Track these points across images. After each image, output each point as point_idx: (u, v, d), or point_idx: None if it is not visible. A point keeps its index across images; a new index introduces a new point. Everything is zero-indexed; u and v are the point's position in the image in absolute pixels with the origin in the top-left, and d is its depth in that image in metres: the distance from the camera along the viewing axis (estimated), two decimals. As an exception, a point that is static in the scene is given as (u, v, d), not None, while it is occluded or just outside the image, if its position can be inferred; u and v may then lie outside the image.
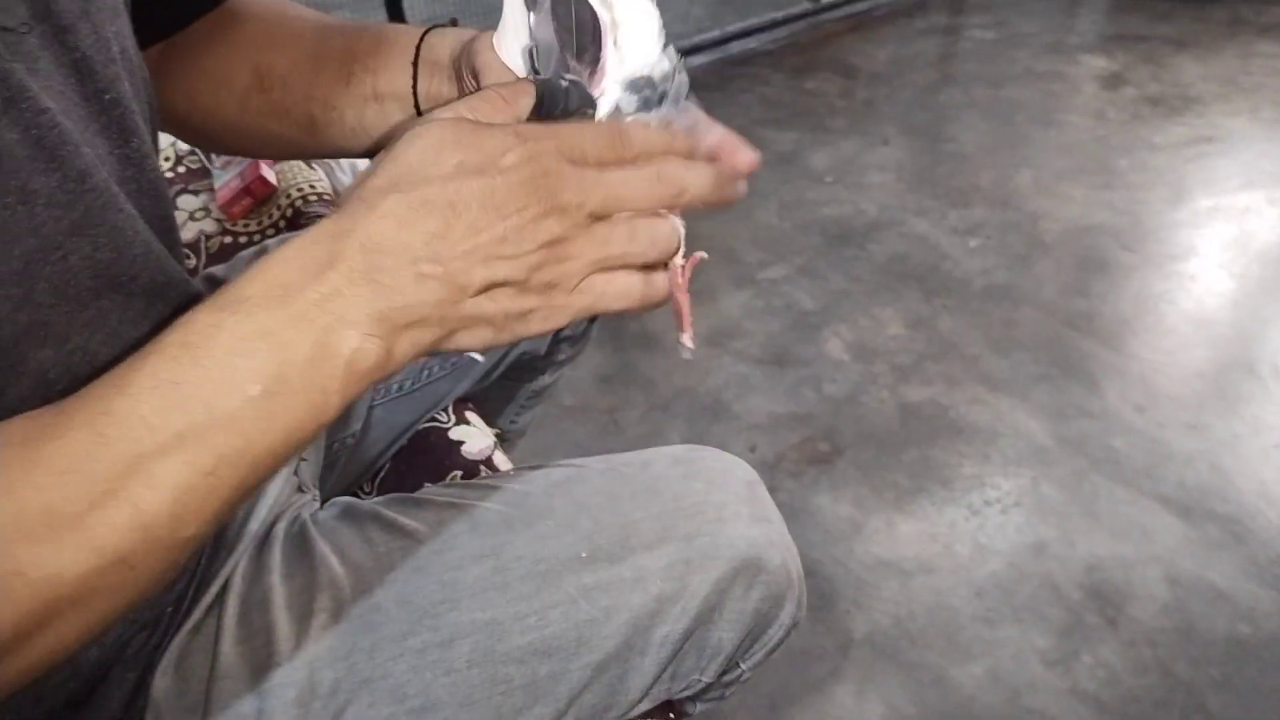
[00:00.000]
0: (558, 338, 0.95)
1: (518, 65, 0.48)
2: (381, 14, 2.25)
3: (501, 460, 0.73)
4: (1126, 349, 1.59)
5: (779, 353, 1.64)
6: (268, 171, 1.09)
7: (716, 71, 2.61)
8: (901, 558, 1.26)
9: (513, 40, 0.47)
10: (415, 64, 0.52)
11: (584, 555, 0.54)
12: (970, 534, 1.29)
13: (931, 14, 2.84)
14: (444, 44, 0.52)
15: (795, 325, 1.70)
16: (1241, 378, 1.52)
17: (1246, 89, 2.34)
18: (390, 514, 0.59)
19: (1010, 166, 2.10)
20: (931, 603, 1.21)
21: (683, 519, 0.56)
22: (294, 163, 1.15)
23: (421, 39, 0.53)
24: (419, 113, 0.53)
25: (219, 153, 1.06)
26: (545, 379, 1.00)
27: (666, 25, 0.48)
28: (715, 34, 2.65)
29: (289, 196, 1.12)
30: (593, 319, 0.97)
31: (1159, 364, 1.56)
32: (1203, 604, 1.18)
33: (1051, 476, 1.36)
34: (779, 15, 2.73)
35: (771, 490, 0.65)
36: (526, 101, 0.40)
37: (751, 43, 2.70)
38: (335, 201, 0.37)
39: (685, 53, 2.66)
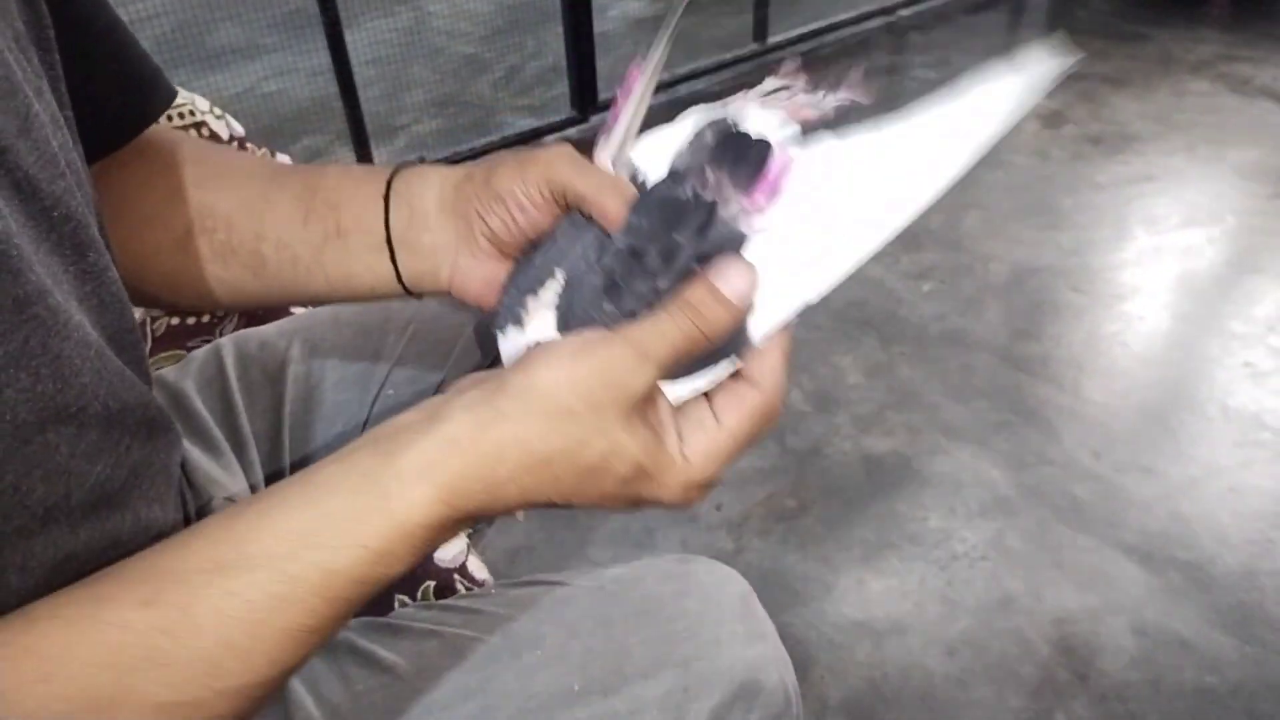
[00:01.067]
0: None
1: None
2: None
3: (476, 566, 0.71)
4: (1081, 392, 1.62)
5: (740, 405, 1.63)
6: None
7: (664, 114, 2.61)
8: (873, 618, 1.26)
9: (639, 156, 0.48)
10: (386, 199, 0.51)
11: (576, 688, 0.52)
12: (939, 590, 1.29)
13: (875, 53, 2.89)
14: (425, 183, 0.50)
15: (755, 375, 1.69)
16: (1192, 419, 1.55)
17: (1181, 126, 2.41)
18: (366, 645, 0.56)
19: (959, 208, 2.13)
20: (905, 663, 1.20)
21: (678, 642, 0.55)
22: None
23: (393, 175, 0.51)
24: (391, 249, 0.51)
25: (156, 308, 1.00)
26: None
27: (613, 68, 0.47)
28: (664, 76, 2.65)
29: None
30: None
31: (1113, 407, 1.58)
32: (1169, 655, 1.19)
33: (1016, 527, 1.37)
34: (727, 56, 2.75)
35: (741, 550, 0.64)
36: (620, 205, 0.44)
37: (699, 84, 2.72)
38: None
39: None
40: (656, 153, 0.47)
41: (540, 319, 0.45)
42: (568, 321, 0.44)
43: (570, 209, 0.47)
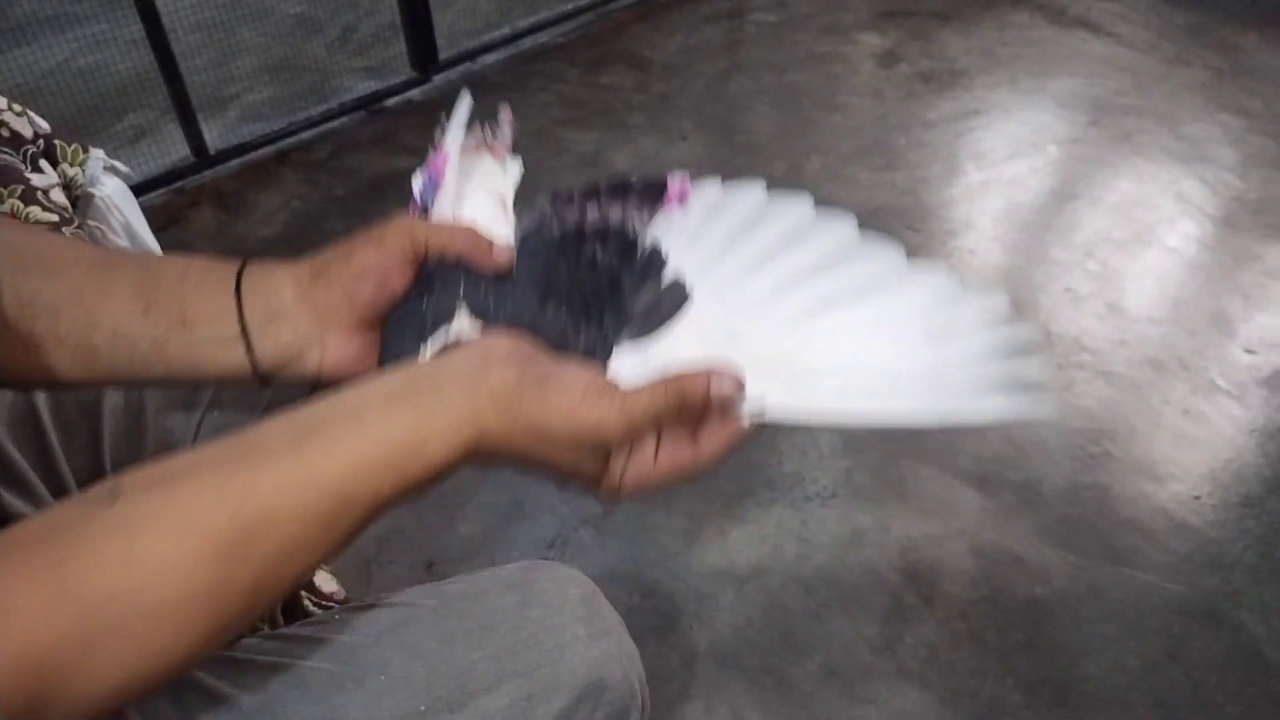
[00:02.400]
0: None
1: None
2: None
3: (324, 579, 0.71)
4: (920, 329, 1.70)
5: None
6: None
7: (511, 70, 2.58)
8: (735, 565, 1.32)
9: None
10: (239, 295, 0.52)
11: (422, 709, 0.54)
12: (795, 531, 1.36)
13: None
14: (279, 281, 0.53)
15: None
16: (1020, 346, 1.66)
17: (1004, 60, 2.53)
18: (211, 681, 0.56)
19: (801, 154, 2.18)
20: (767, 605, 1.27)
21: (520, 652, 0.57)
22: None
23: (240, 270, 0.53)
24: (247, 341, 0.52)
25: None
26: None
27: (453, 23, 0.56)
28: (505, 31, 2.61)
29: None
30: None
31: (949, 340, 1.67)
32: (1004, 571, 1.30)
33: (864, 465, 1.45)
34: (568, 7, 2.71)
35: (607, 513, 0.66)
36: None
37: (543, 37, 2.68)
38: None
39: (476, 53, 2.62)
40: (482, 202, 0.56)
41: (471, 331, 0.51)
42: (511, 319, 0.50)
43: (428, 263, 0.52)
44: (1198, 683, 1.17)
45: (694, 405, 0.44)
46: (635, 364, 0.47)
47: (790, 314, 0.48)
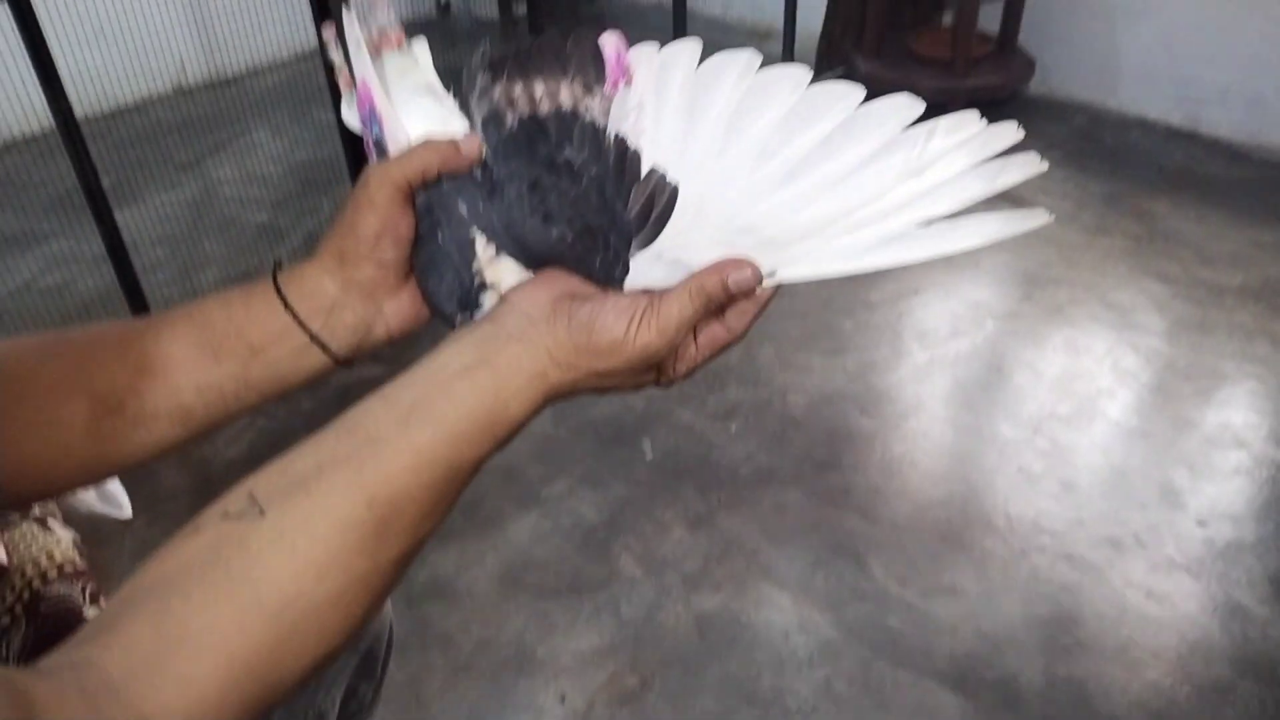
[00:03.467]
0: (353, 690, 0.93)
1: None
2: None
3: None
4: (881, 519, 1.74)
5: (573, 579, 1.66)
6: (-1, 552, 1.01)
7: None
8: (722, 793, 1.30)
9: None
10: (283, 300, 0.56)
11: None
12: (780, 751, 1.35)
13: None
14: (317, 282, 0.56)
15: (585, 544, 1.73)
16: (983, 533, 1.70)
17: (937, 237, 2.67)
18: None
19: (754, 342, 2.27)
20: (757, 837, 1.24)
21: None
22: (27, 531, 1.07)
23: (277, 286, 0.56)
24: (321, 344, 0.57)
25: (49, 497, 0.97)
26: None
27: None
28: None
29: (24, 575, 1.04)
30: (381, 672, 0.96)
31: (912, 530, 1.71)
32: (990, 781, 1.29)
33: (842, 673, 1.45)
34: None
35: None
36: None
37: None
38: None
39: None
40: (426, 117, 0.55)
41: (504, 271, 0.53)
42: (524, 253, 0.52)
43: (419, 196, 0.55)
44: None
45: (717, 300, 0.50)
46: (653, 267, 0.51)
47: (773, 179, 0.49)
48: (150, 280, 2.23)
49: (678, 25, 3.03)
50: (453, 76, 0.59)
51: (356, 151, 2.36)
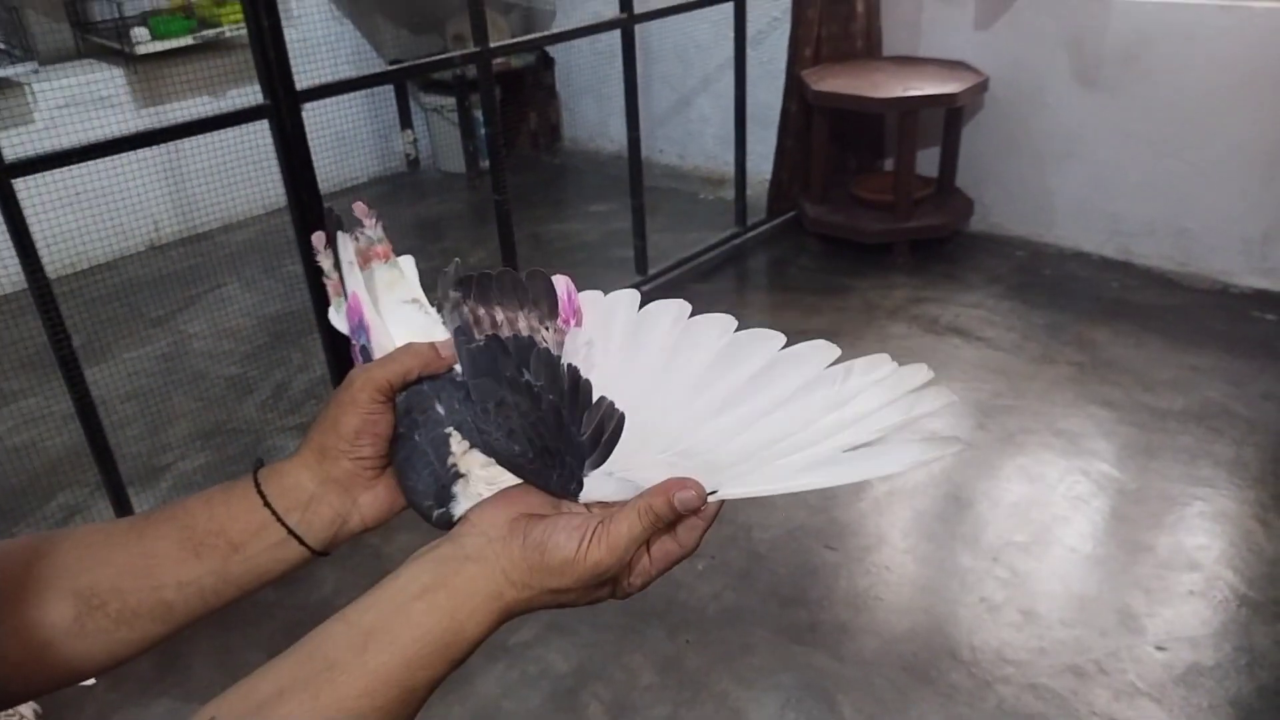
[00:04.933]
0: None
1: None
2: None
3: None
4: (848, 656, 1.76)
5: (542, 729, 1.65)
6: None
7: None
8: None
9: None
10: (268, 505, 0.59)
11: None
12: None
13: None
14: (295, 477, 0.60)
15: (554, 694, 1.72)
16: (949, 665, 1.72)
17: (891, 370, 2.77)
18: None
19: (718, 479, 2.31)
20: None
21: None
22: None
23: (258, 484, 0.60)
24: (298, 538, 0.59)
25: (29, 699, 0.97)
26: None
27: None
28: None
29: None
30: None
31: (878, 665, 1.73)
32: None
33: (814, 818, 1.44)
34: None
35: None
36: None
37: (467, 380, 2.86)
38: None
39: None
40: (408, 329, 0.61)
41: (479, 469, 0.56)
42: (491, 456, 0.56)
43: (397, 396, 0.59)
44: None
45: (666, 518, 0.53)
46: (605, 484, 0.55)
47: (708, 410, 0.54)
48: (118, 436, 2.25)
49: (634, 174, 3.20)
50: (426, 230, 0.66)
51: (323, 302, 2.44)
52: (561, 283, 0.58)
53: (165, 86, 3.90)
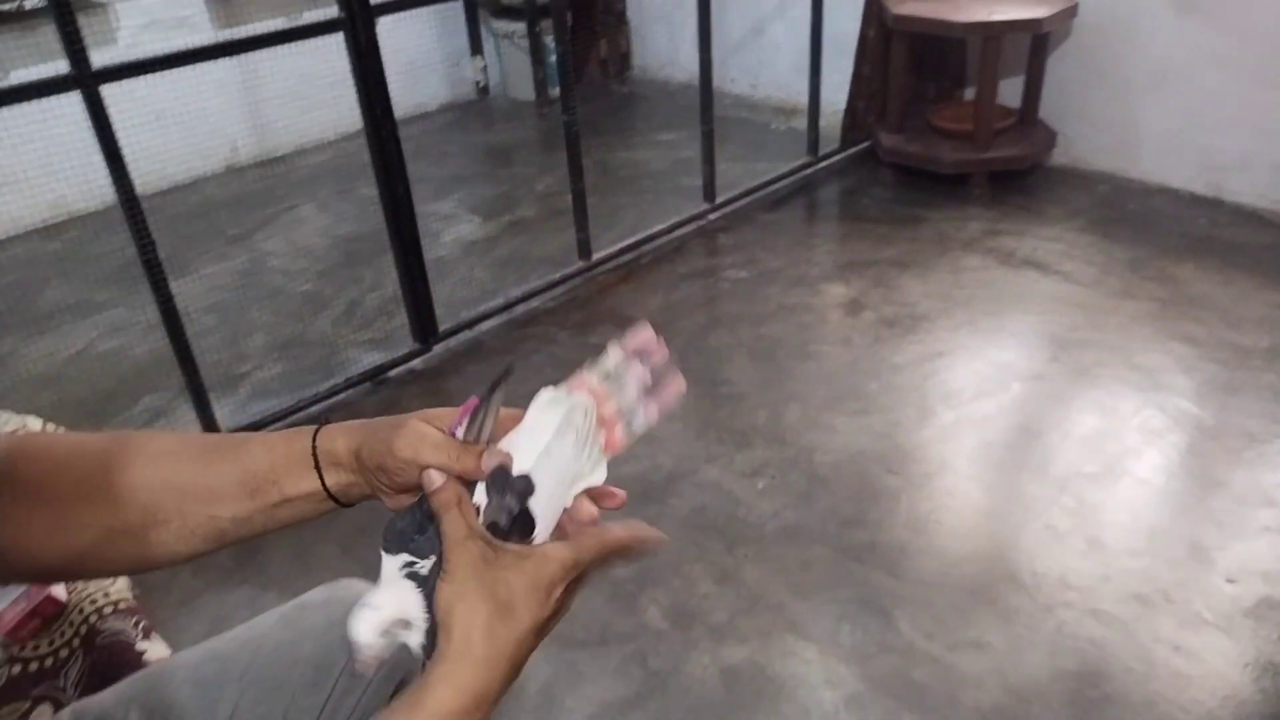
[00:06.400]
0: None
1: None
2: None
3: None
4: (907, 575, 1.76)
5: (602, 630, 1.69)
6: (58, 589, 1.07)
7: (506, 336, 2.76)
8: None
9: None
10: (317, 467, 0.65)
11: None
12: (805, 801, 1.35)
13: (691, 257, 3.14)
14: (337, 442, 0.66)
15: (614, 596, 1.76)
16: (1009, 589, 1.71)
17: (962, 302, 2.72)
18: None
19: (780, 402, 2.31)
20: None
21: None
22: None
23: (314, 441, 0.66)
24: (334, 498, 0.67)
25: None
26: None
27: (451, 292, 0.71)
28: (499, 300, 2.81)
29: (82, 612, 1.10)
30: None
31: (937, 586, 1.72)
32: (1016, 833, 1.29)
33: (867, 724, 1.46)
34: (556, 275, 2.94)
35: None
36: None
37: (535, 302, 2.88)
38: None
39: (473, 322, 2.81)
40: (525, 444, 0.66)
41: (397, 590, 0.60)
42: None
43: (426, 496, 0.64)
44: None
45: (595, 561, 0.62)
46: (549, 517, 0.65)
47: (573, 457, 0.66)
48: (200, 345, 2.32)
49: (705, 97, 3.15)
50: (496, 156, 0.69)
51: (399, 225, 2.47)
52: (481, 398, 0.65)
53: (243, 8, 3.95)
